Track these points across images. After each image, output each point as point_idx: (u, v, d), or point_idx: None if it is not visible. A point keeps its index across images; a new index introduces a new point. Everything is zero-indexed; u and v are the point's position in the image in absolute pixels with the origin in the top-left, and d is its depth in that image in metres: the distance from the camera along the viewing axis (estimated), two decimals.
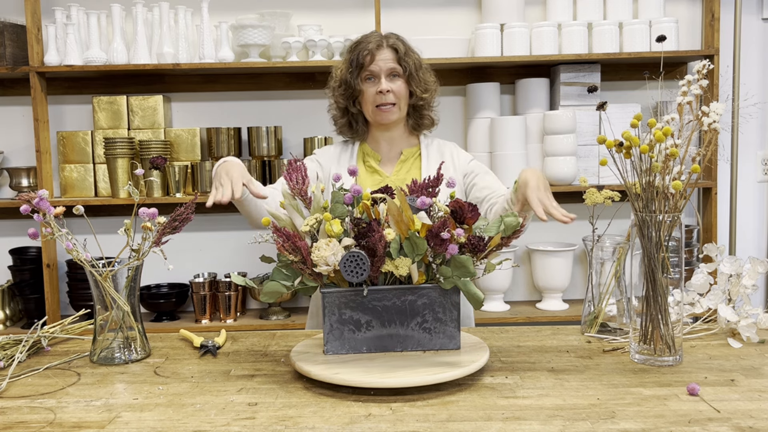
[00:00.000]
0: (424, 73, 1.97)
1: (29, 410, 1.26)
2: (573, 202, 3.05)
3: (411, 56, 1.94)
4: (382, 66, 1.90)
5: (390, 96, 1.91)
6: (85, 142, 2.88)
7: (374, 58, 1.90)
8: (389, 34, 1.97)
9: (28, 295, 2.90)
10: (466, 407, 1.23)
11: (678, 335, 1.45)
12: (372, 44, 1.92)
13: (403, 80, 1.93)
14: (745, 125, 3.05)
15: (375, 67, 1.90)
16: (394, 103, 1.92)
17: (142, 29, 2.77)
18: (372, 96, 1.91)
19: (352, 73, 1.92)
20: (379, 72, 1.90)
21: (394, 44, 1.93)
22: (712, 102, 1.47)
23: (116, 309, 1.50)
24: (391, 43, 1.93)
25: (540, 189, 1.56)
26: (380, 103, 1.91)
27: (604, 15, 2.91)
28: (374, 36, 1.95)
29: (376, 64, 1.90)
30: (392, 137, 2.01)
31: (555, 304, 2.96)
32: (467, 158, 2.01)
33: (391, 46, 1.93)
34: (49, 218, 1.43)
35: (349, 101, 1.97)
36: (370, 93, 1.92)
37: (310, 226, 1.40)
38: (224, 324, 2.86)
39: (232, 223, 3.07)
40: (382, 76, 1.90)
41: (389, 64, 1.91)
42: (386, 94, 1.90)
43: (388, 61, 1.91)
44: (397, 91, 1.91)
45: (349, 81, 1.93)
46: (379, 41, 1.93)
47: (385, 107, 1.91)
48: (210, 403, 1.27)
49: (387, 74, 1.91)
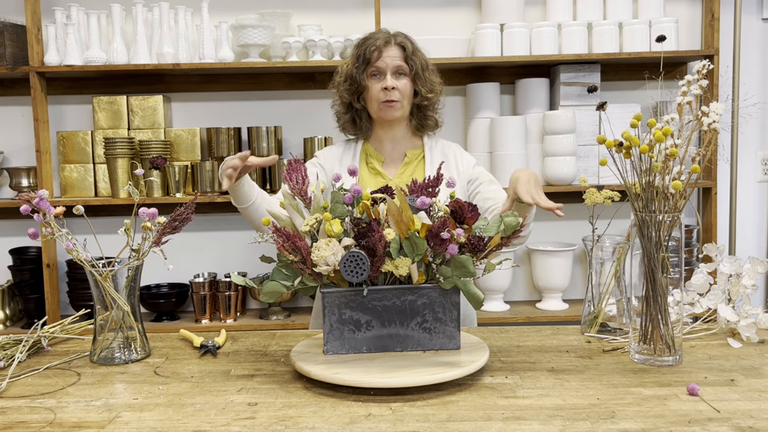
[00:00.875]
0: (431, 73, 1.97)
1: (29, 410, 1.26)
2: (573, 202, 3.05)
3: (418, 55, 1.94)
4: (388, 63, 1.91)
5: (395, 93, 1.91)
6: (85, 142, 2.88)
7: (381, 54, 1.91)
8: (398, 33, 1.97)
9: (28, 295, 2.90)
10: (466, 407, 1.23)
11: (678, 335, 1.45)
12: (380, 41, 1.92)
13: (409, 79, 1.93)
14: (745, 125, 3.05)
15: (381, 63, 1.91)
16: (398, 100, 1.92)
17: (142, 29, 2.77)
18: (377, 92, 1.92)
19: (359, 68, 1.93)
20: (385, 69, 1.91)
21: (402, 42, 1.94)
22: (711, 102, 1.47)
23: (116, 309, 1.50)
24: (399, 41, 1.94)
25: (530, 183, 1.57)
26: (385, 99, 1.91)
27: (604, 15, 2.91)
28: (382, 33, 1.96)
29: (382, 61, 1.91)
30: (395, 136, 2.00)
31: (555, 304, 2.96)
32: (471, 162, 2.01)
33: (399, 44, 1.93)
34: (49, 218, 1.43)
35: (354, 97, 1.97)
36: (375, 89, 1.92)
37: (310, 226, 1.40)
38: (224, 324, 2.86)
39: (232, 223, 3.07)
40: (388, 72, 1.91)
41: (396, 62, 1.91)
42: (391, 90, 1.90)
43: (395, 58, 1.92)
44: (402, 89, 1.92)
45: (355, 76, 1.93)
46: (387, 38, 1.94)
47: (390, 103, 1.92)
48: (210, 403, 1.27)
49: (393, 71, 1.91)
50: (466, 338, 1.52)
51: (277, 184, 2.85)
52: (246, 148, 2.96)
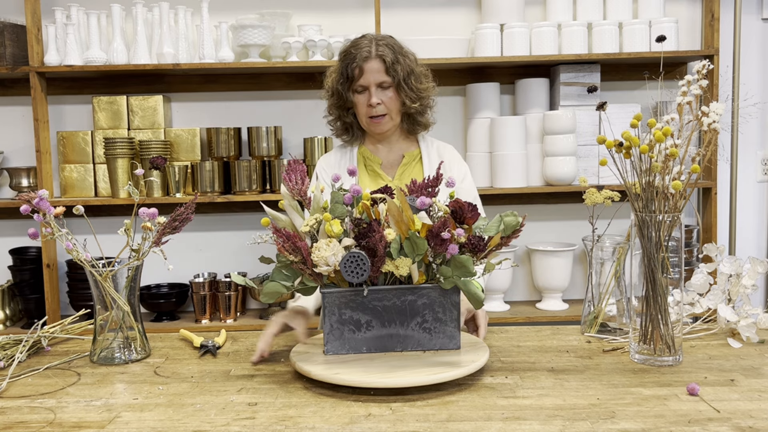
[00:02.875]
0: (417, 79, 1.93)
1: (29, 410, 1.26)
2: (573, 202, 3.05)
3: (401, 63, 1.90)
4: (370, 79, 1.89)
5: (380, 108, 1.90)
6: (85, 142, 2.88)
7: (363, 71, 1.89)
8: (379, 41, 1.92)
9: (28, 295, 2.90)
10: (466, 407, 1.23)
11: (678, 335, 1.45)
12: (359, 56, 1.89)
13: (394, 90, 1.91)
14: (745, 125, 3.05)
15: (364, 81, 1.89)
16: (385, 114, 1.92)
17: (142, 29, 2.77)
18: (364, 108, 1.91)
19: (343, 84, 1.92)
20: (368, 85, 1.90)
21: (382, 54, 1.89)
22: (711, 102, 1.47)
23: (116, 309, 1.50)
24: (380, 52, 1.89)
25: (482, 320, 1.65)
26: (372, 115, 1.91)
27: (604, 15, 2.91)
28: (364, 44, 1.91)
29: (365, 78, 1.89)
30: (389, 141, 2.02)
31: (555, 304, 2.96)
32: (460, 175, 1.99)
33: (379, 56, 1.89)
34: (49, 218, 1.43)
35: (343, 111, 1.98)
36: (361, 104, 1.92)
37: (310, 226, 1.40)
38: (224, 324, 2.86)
39: (232, 223, 3.07)
40: (371, 88, 1.89)
41: (378, 77, 1.89)
42: (376, 106, 1.90)
43: (377, 72, 1.89)
44: (388, 103, 1.90)
45: (341, 92, 1.93)
46: (368, 51, 1.89)
47: (377, 119, 1.91)
48: (210, 403, 1.27)
49: (377, 86, 1.90)
50: (466, 338, 1.52)
51: (276, 184, 2.85)
52: (246, 147, 2.97)
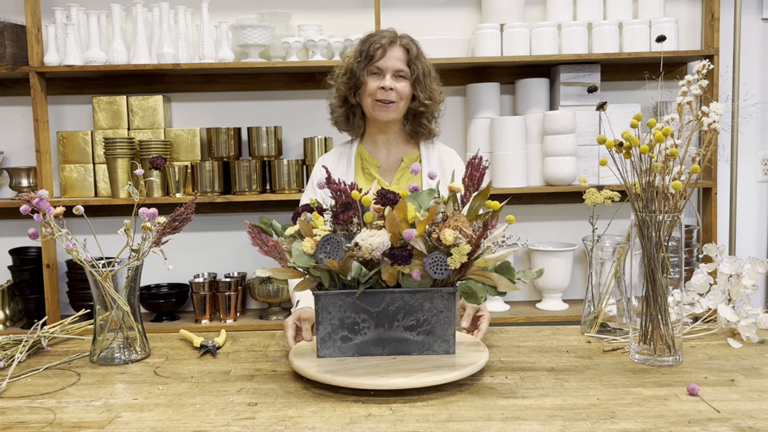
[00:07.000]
0: (432, 81, 1.96)
1: (29, 410, 1.26)
2: (573, 202, 3.05)
3: (422, 60, 1.93)
4: (389, 64, 1.90)
5: (392, 94, 1.90)
6: (85, 142, 2.88)
7: (385, 53, 1.90)
8: (404, 35, 1.96)
9: (28, 295, 2.90)
10: (466, 407, 1.23)
11: (678, 335, 1.45)
12: (385, 39, 1.91)
13: (409, 82, 1.92)
14: (745, 125, 3.05)
15: (383, 63, 1.90)
16: (394, 101, 1.91)
17: (142, 29, 2.77)
18: (374, 89, 1.90)
19: (360, 63, 1.92)
20: (386, 69, 1.90)
21: (407, 45, 1.92)
22: (712, 102, 1.47)
23: (116, 309, 1.50)
24: (404, 43, 1.93)
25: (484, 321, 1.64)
26: (380, 98, 1.90)
27: (604, 15, 2.91)
28: (389, 32, 1.95)
29: (385, 60, 1.90)
30: (389, 140, 2.00)
31: (555, 304, 2.96)
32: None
33: (404, 45, 1.92)
34: (49, 218, 1.43)
35: (350, 91, 1.96)
36: (372, 86, 1.91)
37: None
38: (224, 324, 2.86)
39: (232, 223, 3.07)
40: (388, 74, 1.90)
41: (398, 64, 1.90)
42: (388, 91, 1.89)
43: (398, 60, 1.91)
44: (401, 91, 1.91)
45: (355, 70, 1.92)
46: (393, 38, 1.93)
47: (385, 104, 1.91)
48: (210, 403, 1.27)
49: (393, 73, 1.91)
50: (466, 338, 1.52)
51: (276, 184, 2.85)
52: (246, 147, 2.96)
